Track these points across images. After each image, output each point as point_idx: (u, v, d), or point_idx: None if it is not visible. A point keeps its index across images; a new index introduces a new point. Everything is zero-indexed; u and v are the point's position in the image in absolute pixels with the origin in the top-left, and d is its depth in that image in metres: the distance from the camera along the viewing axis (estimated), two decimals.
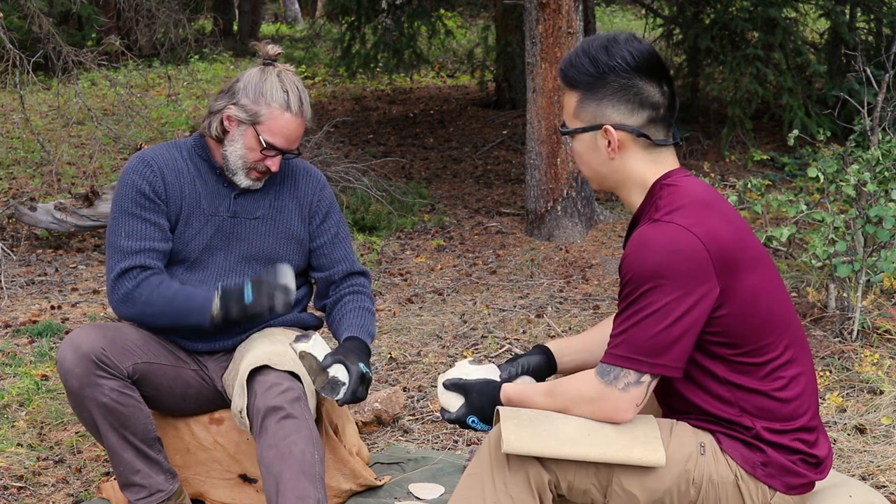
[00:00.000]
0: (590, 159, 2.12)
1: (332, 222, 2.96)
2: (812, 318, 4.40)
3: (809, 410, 2.08)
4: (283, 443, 2.54)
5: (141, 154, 2.83)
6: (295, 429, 2.55)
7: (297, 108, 2.75)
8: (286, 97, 2.74)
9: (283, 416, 2.56)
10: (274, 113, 2.73)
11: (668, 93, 2.07)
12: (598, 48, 2.04)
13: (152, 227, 2.76)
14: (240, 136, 2.76)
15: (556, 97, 6.11)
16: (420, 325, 4.70)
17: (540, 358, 2.35)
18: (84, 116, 8.16)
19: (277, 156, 2.77)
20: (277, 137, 2.75)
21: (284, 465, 2.52)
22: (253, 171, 2.79)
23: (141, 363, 2.71)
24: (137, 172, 2.78)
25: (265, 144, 2.74)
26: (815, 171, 4.26)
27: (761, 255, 2.06)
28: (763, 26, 7.94)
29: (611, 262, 5.61)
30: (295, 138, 2.78)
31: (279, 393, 2.58)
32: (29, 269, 5.67)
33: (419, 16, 9.88)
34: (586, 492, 2.04)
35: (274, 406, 2.56)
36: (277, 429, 2.55)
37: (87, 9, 12.29)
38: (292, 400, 2.58)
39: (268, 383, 2.60)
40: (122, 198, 2.78)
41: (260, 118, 2.74)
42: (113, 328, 2.73)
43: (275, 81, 2.76)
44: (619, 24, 15.90)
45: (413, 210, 6.87)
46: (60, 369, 2.63)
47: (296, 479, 2.51)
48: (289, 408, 2.57)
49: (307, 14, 19.54)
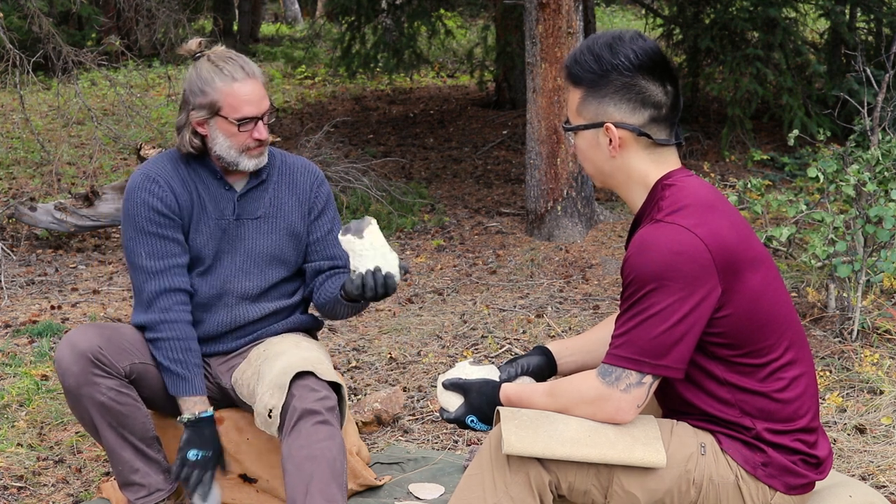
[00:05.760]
0: (592, 157, 2.11)
1: (328, 218, 2.97)
2: (812, 318, 4.40)
3: (810, 412, 2.08)
4: (316, 445, 2.56)
5: (143, 171, 2.83)
6: (329, 435, 2.58)
7: (240, 75, 2.76)
8: (224, 72, 2.75)
9: (319, 421, 2.58)
10: (224, 91, 2.74)
11: (671, 92, 2.06)
12: (602, 46, 2.04)
13: (172, 243, 2.78)
14: (216, 131, 2.77)
15: (556, 97, 6.11)
16: (420, 325, 4.69)
17: (540, 359, 2.35)
18: (84, 116, 8.16)
19: (257, 123, 2.78)
20: (243, 108, 2.75)
21: (317, 466, 2.54)
22: (248, 151, 2.80)
23: (138, 363, 2.72)
24: (146, 190, 2.78)
25: (238, 122, 2.75)
26: (815, 171, 4.26)
27: (763, 256, 2.06)
28: (763, 26, 7.94)
29: (611, 262, 5.60)
30: (258, 99, 2.78)
31: (318, 399, 2.60)
32: (29, 269, 5.67)
33: (419, 16, 9.87)
34: (587, 492, 2.04)
35: (312, 409, 2.58)
36: (312, 431, 2.57)
37: (87, 9, 12.29)
38: (329, 408, 2.61)
39: (308, 387, 2.62)
40: (135, 216, 2.78)
41: (217, 104, 2.75)
42: (111, 328, 2.74)
43: (208, 67, 2.77)
44: (619, 24, 15.90)
45: (413, 210, 6.87)
46: (58, 368, 2.64)
47: (327, 482, 2.54)
48: (326, 414, 2.60)
49: (307, 14, 19.54)
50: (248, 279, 2.86)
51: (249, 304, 2.88)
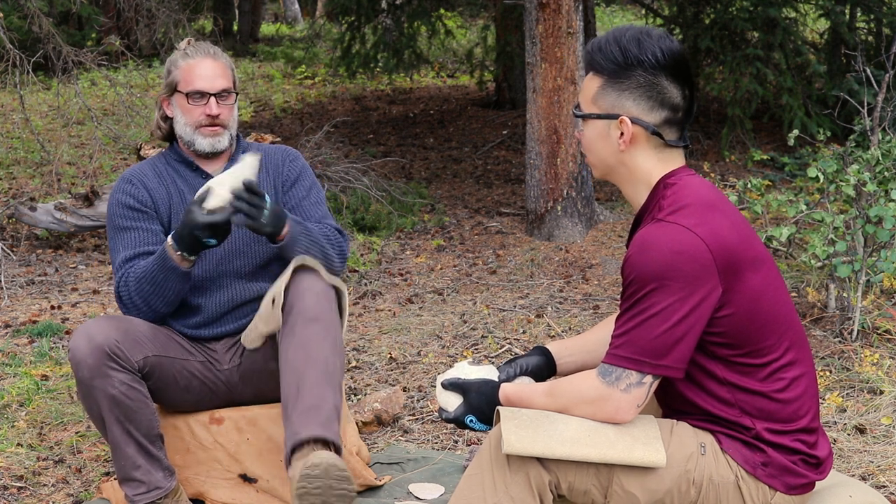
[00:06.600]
0: (598, 148, 2.10)
1: (301, 187, 3.01)
2: (812, 318, 4.40)
3: (810, 412, 2.08)
4: (310, 345, 2.62)
5: (122, 175, 2.99)
6: (324, 335, 2.63)
7: (200, 55, 2.89)
8: (187, 52, 2.92)
9: (313, 319, 2.64)
10: (182, 67, 2.90)
11: (688, 97, 2.06)
12: (630, 39, 2.02)
13: (144, 233, 2.88)
14: (176, 109, 2.93)
15: (556, 97, 6.11)
16: (420, 325, 4.70)
17: (539, 359, 2.35)
18: (84, 116, 8.16)
19: (209, 99, 2.87)
20: (195, 82, 2.87)
21: (309, 367, 2.61)
22: (201, 129, 2.89)
23: (151, 356, 2.75)
24: (120, 190, 2.93)
25: (187, 94, 2.87)
26: (815, 171, 4.26)
27: (764, 256, 2.06)
28: (763, 26, 7.94)
29: (611, 262, 5.60)
30: (212, 75, 2.89)
31: (315, 295, 2.66)
32: (29, 269, 5.67)
33: (419, 16, 9.88)
34: (587, 492, 2.04)
35: (308, 307, 2.64)
36: (308, 332, 2.62)
37: (87, 9, 12.29)
38: (325, 307, 2.67)
39: (308, 282, 2.67)
40: (112, 217, 2.92)
41: (175, 80, 2.91)
42: (126, 321, 2.78)
43: (179, 52, 2.94)
44: (619, 24, 15.87)
45: (413, 210, 6.87)
46: (72, 359, 2.64)
47: (318, 382, 2.60)
48: (322, 314, 2.65)
49: (307, 14, 19.54)
50: (240, 258, 2.93)
51: (246, 283, 2.93)
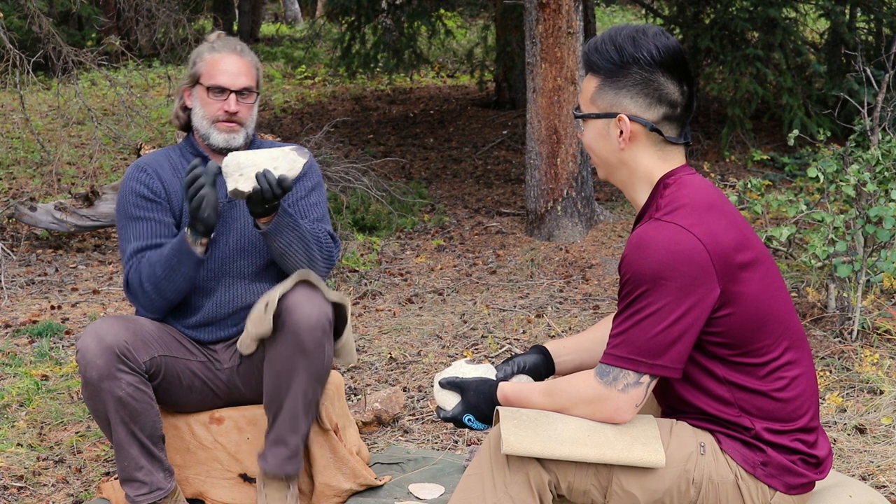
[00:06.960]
0: (599, 147, 2.11)
1: (303, 186, 3.00)
2: (812, 318, 4.40)
3: (810, 411, 2.08)
4: (293, 371, 2.72)
5: (135, 163, 2.96)
6: (306, 366, 2.71)
7: (227, 49, 2.89)
8: (214, 46, 2.91)
9: (299, 351, 2.70)
10: (205, 60, 2.89)
11: (687, 93, 2.06)
12: (625, 38, 2.03)
13: (157, 224, 2.85)
14: (195, 101, 2.91)
15: (556, 97, 6.11)
16: (420, 325, 4.70)
17: (537, 357, 2.35)
18: (84, 116, 8.16)
19: (230, 96, 2.86)
20: (218, 76, 2.87)
21: (289, 396, 2.74)
22: (218, 124, 2.88)
23: (158, 356, 2.75)
24: (134, 178, 2.90)
25: (208, 88, 2.86)
26: (815, 171, 4.26)
27: (763, 256, 2.06)
28: (763, 26, 7.94)
29: (611, 262, 5.61)
30: (236, 72, 2.88)
31: (311, 311, 2.70)
32: (29, 269, 5.67)
33: (419, 16, 9.88)
34: (586, 492, 2.04)
35: (298, 328, 2.69)
36: (289, 362, 2.72)
37: (87, 9, 12.29)
38: (318, 326, 2.71)
39: (305, 296, 2.70)
40: (123, 205, 2.88)
41: (199, 74, 2.90)
42: (133, 321, 2.77)
43: (206, 45, 2.93)
44: (619, 24, 15.87)
45: (413, 210, 6.87)
46: (81, 359, 2.63)
47: (296, 414, 2.75)
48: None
49: (307, 14, 19.54)
50: (244, 258, 2.91)
51: (248, 284, 2.91)
